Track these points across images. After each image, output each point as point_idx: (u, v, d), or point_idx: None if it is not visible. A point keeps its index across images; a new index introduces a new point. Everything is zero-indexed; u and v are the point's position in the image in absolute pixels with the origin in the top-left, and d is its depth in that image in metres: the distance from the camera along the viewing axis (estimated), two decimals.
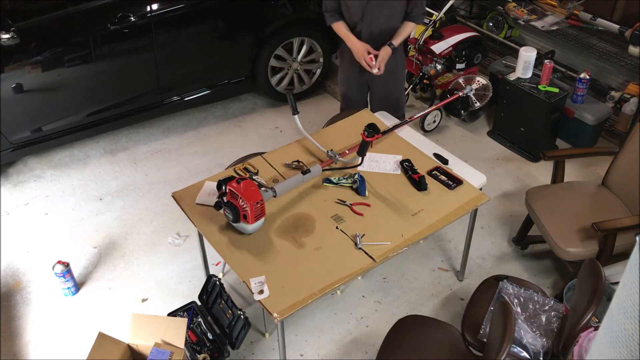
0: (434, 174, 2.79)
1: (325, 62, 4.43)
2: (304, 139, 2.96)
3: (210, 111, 4.40)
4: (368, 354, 2.80)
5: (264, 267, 2.36)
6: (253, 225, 2.43)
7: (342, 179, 2.73)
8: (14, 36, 3.29)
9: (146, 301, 3.05)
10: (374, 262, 2.37)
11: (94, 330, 2.51)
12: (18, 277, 3.18)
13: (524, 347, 2.35)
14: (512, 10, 4.32)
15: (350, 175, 2.74)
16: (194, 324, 2.68)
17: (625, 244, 2.76)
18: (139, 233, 3.43)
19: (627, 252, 2.77)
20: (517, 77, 3.83)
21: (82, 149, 4.06)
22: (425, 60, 4.19)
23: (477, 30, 4.44)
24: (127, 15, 3.53)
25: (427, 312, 2.98)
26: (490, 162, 3.92)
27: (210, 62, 4.03)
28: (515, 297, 2.52)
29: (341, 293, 3.08)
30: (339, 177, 2.74)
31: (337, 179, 2.73)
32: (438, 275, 3.19)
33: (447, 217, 2.58)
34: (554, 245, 2.80)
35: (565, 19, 4.14)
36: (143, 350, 2.43)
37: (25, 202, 3.65)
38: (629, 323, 0.87)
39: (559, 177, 3.13)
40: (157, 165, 3.93)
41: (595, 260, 2.27)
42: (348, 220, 2.55)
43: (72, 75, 3.56)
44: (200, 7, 3.78)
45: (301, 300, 2.22)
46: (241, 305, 2.93)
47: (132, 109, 3.87)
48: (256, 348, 2.82)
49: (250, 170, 2.78)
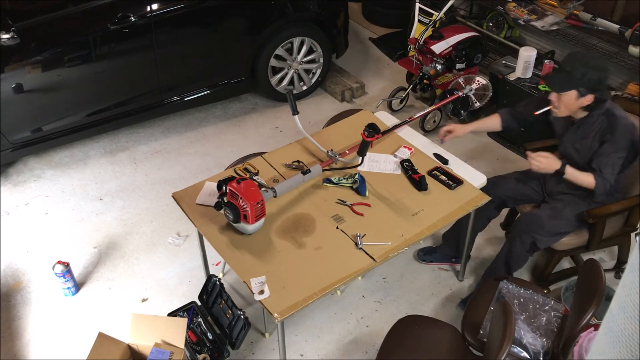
0: (434, 174, 2.79)
1: (325, 62, 4.43)
2: (304, 139, 2.96)
3: (210, 111, 4.40)
4: (368, 354, 2.81)
5: (264, 267, 2.36)
6: (253, 226, 2.43)
7: (342, 179, 2.73)
8: (14, 36, 3.29)
9: (146, 301, 3.05)
10: (375, 262, 2.37)
11: (94, 330, 2.51)
12: (18, 277, 3.18)
13: (524, 347, 2.35)
14: (512, 10, 4.32)
15: (351, 176, 2.74)
16: (194, 324, 2.68)
17: (612, 226, 2.86)
18: (139, 233, 3.43)
19: (614, 236, 2.91)
20: (517, 77, 3.83)
21: (82, 149, 4.06)
22: (425, 60, 4.19)
23: (477, 30, 4.44)
24: (127, 15, 3.53)
25: (427, 312, 2.99)
26: (490, 162, 3.92)
27: (210, 62, 4.03)
28: (515, 297, 2.52)
29: (341, 293, 3.08)
30: (339, 177, 2.74)
31: (337, 179, 2.73)
32: (438, 275, 3.19)
33: (448, 217, 2.58)
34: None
35: (565, 19, 4.14)
36: (143, 350, 2.43)
37: (25, 202, 3.65)
38: (629, 323, 0.87)
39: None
40: (157, 165, 3.93)
41: (595, 260, 2.28)
42: (348, 220, 2.55)
43: (72, 75, 3.56)
44: (200, 7, 3.78)
45: (301, 300, 2.22)
46: (241, 305, 2.93)
47: (132, 109, 3.87)
48: (256, 348, 2.82)
49: (250, 170, 2.78)
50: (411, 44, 4.29)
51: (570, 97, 2.53)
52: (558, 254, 2.88)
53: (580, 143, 2.65)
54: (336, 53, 4.55)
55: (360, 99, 4.59)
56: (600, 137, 2.58)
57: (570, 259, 3.18)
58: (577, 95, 2.51)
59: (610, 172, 2.56)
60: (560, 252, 2.86)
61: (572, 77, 2.49)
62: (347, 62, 4.82)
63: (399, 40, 5.08)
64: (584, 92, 2.49)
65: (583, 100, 2.52)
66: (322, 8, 4.23)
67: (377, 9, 5.45)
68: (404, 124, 3.11)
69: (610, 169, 2.55)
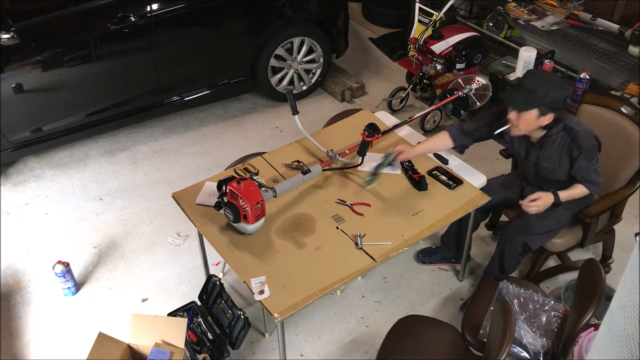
0: (434, 174, 2.79)
1: (325, 62, 4.43)
2: (304, 139, 2.96)
3: (210, 111, 4.40)
4: (368, 354, 2.81)
5: (264, 267, 2.36)
6: (253, 226, 2.43)
7: (378, 168, 2.66)
8: (14, 36, 3.29)
9: (146, 301, 3.05)
10: (375, 262, 2.37)
11: (94, 330, 2.51)
12: (18, 277, 3.18)
13: (524, 347, 2.35)
14: (512, 10, 4.32)
15: (384, 158, 2.68)
16: (194, 324, 2.68)
17: (601, 220, 2.88)
18: (139, 233, 3.43)
19: (602, 230, 2.94)
20: (517, 77, 3.82)
21: (82, 149, 4.06)
22: (425, 60, 4.19)
23: (477, 30, 4.44)
24: (127, 15, 3.53)
25: (427, 312, 2.99)
26: (490, 162, 3.92)
27: (210, 62, 4.03)
28: (515, 297, 2.52)
29: (341, 293, 3.08)
30: (376, 167, 2.66)
31: (372, 172, 2.66)
32: (438, 275, 3.19)
33: (448, 217, 2.58)
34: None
35: (565, 19, 4.14)
36: (143, 350, 2.43)
37: (25, 202, 3.65)
38: (629, 323, 0.87)
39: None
40: (157, 165, 3.93)
41: (595, 260, 2.28)
42: (348, 220, 2.55)
43: (72, 75, 3.56)
44: (200, 7, 3.78)
45: (302, 300, 2.22)
46: (241, 305, 2.93)
47: (132, 109, 3.87)
48: (256, 348, 2.82)
49: (250, 170, 2.78)
50: (411, 44, 4.29)
51: (531, 116, 2.45)
52: (545, 253, 2.89)
53: (547, 161, 2.63)
54: (336, 53, 4.55)
55: (360, 99, 4.59)
56: (568, 154, 2.56)
57: (556, 256, 3.18)
58: (537, 114, 2.45)
59: (595, 177, 2.58)
60: (548, 251, 2.87)
61: (534, 95, 2.42)
62: (347, 62, 4.82)
63: (399, 40, 5.08)
64: (545, 111, 2.43)
65: (543, 119, 2.46)
66: (322, 8, 4.23)
67: (377, 9, 5.45)
68: (404, 124, 3.11)
69: (595, 174, 2.58)
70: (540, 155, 2.64)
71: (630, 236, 3.32)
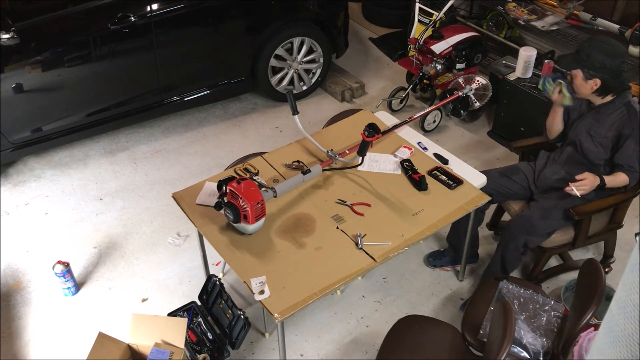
0: (434, 174, 2.79)
1: (325, 62, 4.43)
2: (304, 139, 2.96)
3: (210, 111, 4.40)
4: (368, 354, 2.81)
5: (264, 267, 2.36)
6: (253, 226, 2.43)
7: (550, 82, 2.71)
8: (14, 36, 3.29)
9: (146, 301, 3.05)
10: (375, 262, 2.37)
11: (94, 330, 2.51)
12: (18, 277, 3.18)
13: (524, 347, 2.35)
14: (512, 10, 4.32)
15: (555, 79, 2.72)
16: (194, 324, 2.68)
17: (599, 223, 2.88)
18: (139, 233, 3.43)
19: (600, 233, 2.92)
20: (517, 77, 3.83)
21: (82, 149, 4.06)
22: (425, 60, 4.19)
23: (477, 30, 4.44)
24: (127, 15, 3.53)
25: (427, 312, 2.99)
26: (490, 162, 3.92)
27: (211, 62, 4.03)
28: (515, 297, 2.52)
29: (341, 293, 3.08)
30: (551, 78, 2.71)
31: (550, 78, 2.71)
32: (438, 275, 3.19)
33: (448, 217, 2.58)
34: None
35: (565, 19, 4.14)
36: (143, 350, 2.43)
37: (25, 202, 3.65)
38: (629, 323, 0.87)
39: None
40: (157, 165, 3.93)
41: (595, 260, 2.28)
42: (348, 220, 2.55)
43: (72, 75, 3.56)
44: (200, 7, 3.78)
45: (302, 300, 2.22)
46: (241, 305, 2.93)
47: (132, 109, 3.87)
48: (256, 348, 2.82)
49: (250, 170, 2.78)
50: (411, 44, 4.29)
51: (577, 78, 2.58)
52: (548, 253, 2.88)
53: (595, 130, 2.67)
54: (336, 53, 4.55)
55: (360, 99, 4.59)
56: (617, 128, 2.61)
57: (558, 256, 3.18)
58: (582, 77, 2.56)
59: (637, 165, 2.62)
60: (549, 250, 2.86)
61: (578, 56, 2.56)
62: (347, 62, 4.82)
63: (399, 40, 5.08)
64: (588, 75, 2.54)
65: (591, 83, 2.55)
66: (322, 8, 4.23)
67: (377, 9, 5.45)
68: (404, 124, 3.11)
69: (638, 162, 2.61)
70: (593, 120, 2.68)
71: (630, 236, 3.32)
